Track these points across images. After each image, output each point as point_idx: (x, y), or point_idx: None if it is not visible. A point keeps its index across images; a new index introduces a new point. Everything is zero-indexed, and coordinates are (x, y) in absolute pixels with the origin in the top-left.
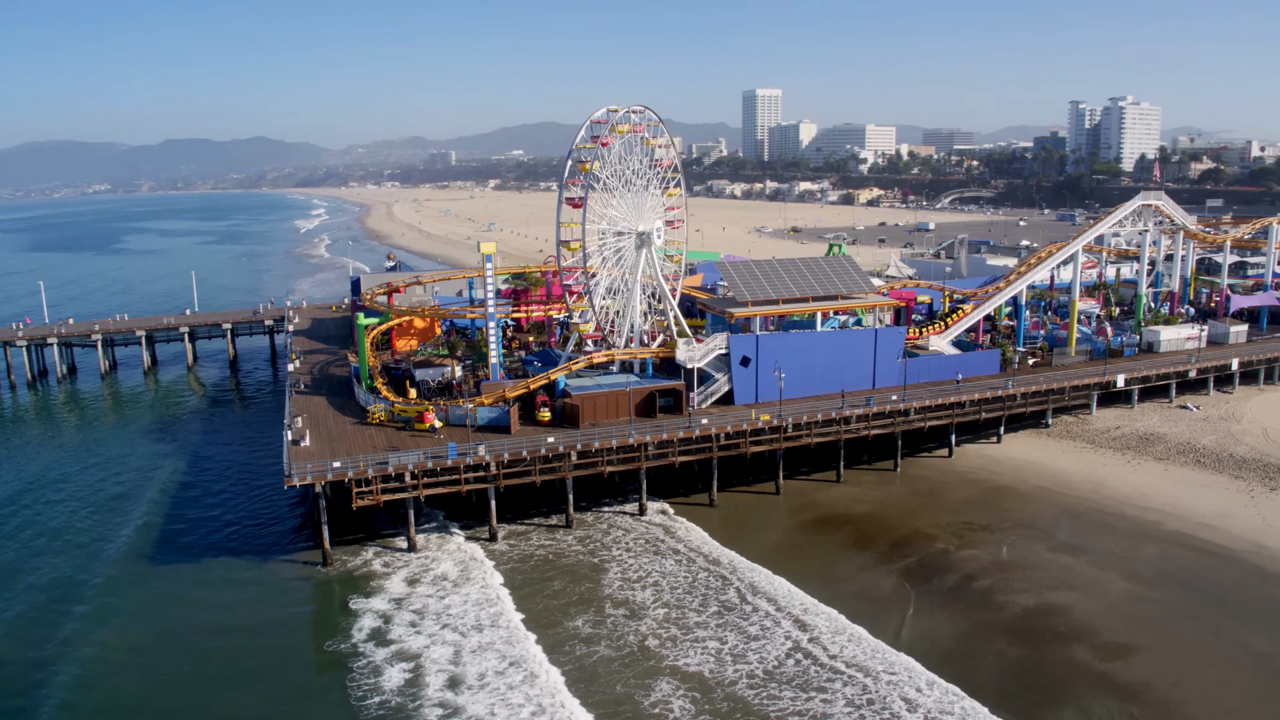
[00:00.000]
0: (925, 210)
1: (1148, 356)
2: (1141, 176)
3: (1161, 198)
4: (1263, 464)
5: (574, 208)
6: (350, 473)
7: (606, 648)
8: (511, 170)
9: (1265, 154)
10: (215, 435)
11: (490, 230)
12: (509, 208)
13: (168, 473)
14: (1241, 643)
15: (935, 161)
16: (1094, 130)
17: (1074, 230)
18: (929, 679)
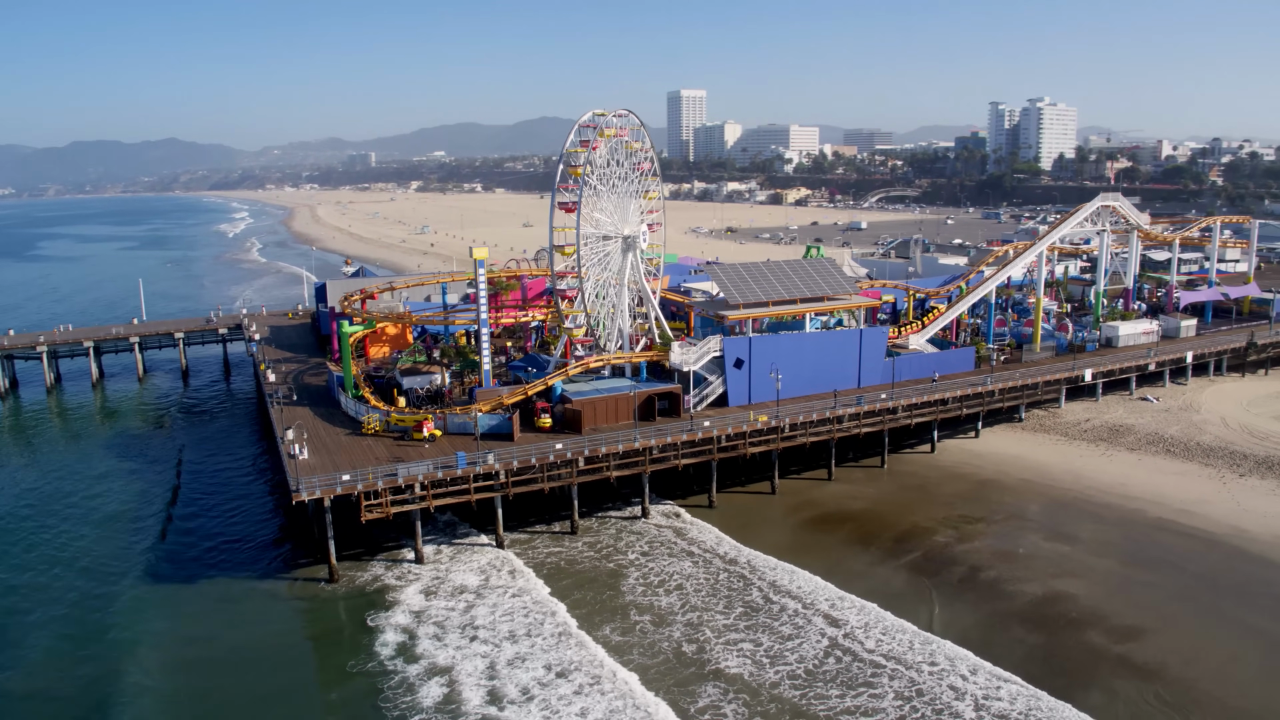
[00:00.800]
0: (853, 209)
1: (1109, 351)
2: (1060, 175)
3: (1118, 199)
4: (1228, 452)
5: (567, 212)
6: (360, 485)
7: (641, 655)
8: (434, 171)
9: (1177, 153)
10: (184, 450)
11: (424, 233)
12: (438, 210)
13: (140, 492)
14: (1239, 620)
15: (859, 161)
16: (1013, 130)
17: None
18: (971, 665)
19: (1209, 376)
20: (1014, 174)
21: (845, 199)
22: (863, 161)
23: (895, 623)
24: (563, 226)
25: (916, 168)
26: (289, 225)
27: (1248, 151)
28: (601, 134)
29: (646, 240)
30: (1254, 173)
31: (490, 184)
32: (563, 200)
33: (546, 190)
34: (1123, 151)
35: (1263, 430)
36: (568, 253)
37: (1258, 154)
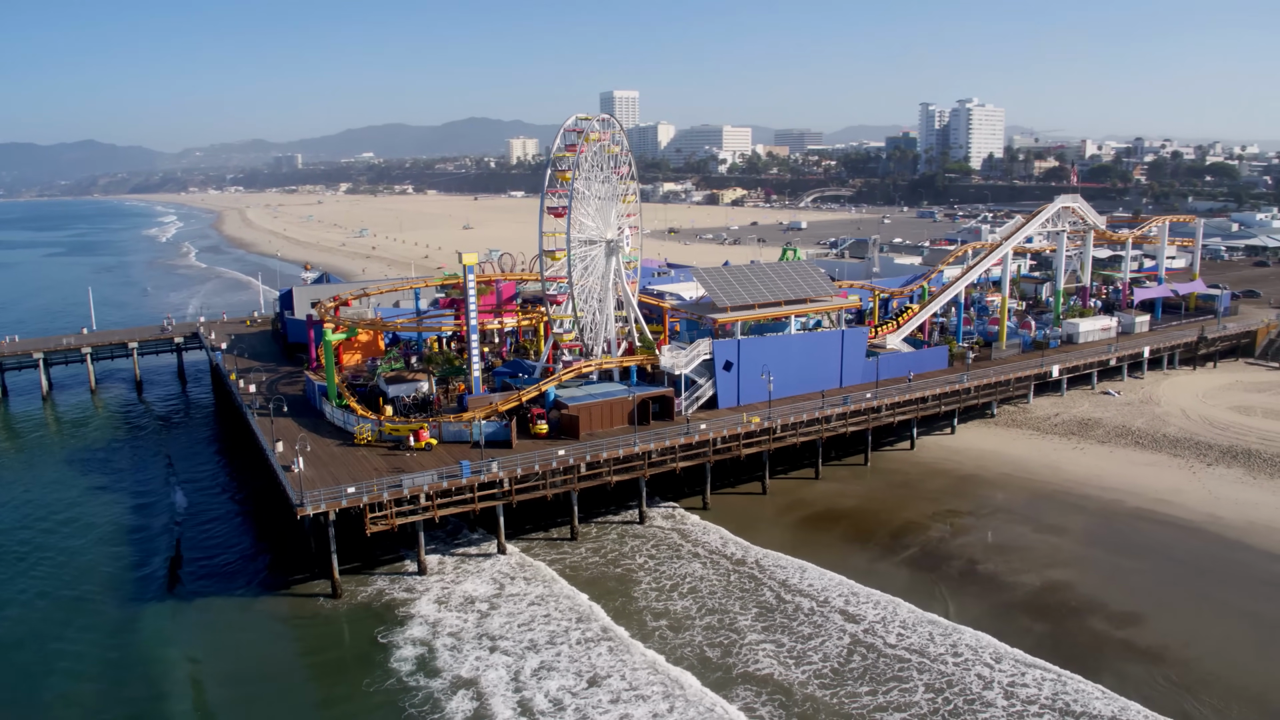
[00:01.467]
0: (789, 209)
1: (1072, 347)
2: (990, 175)
3: (1077, 200)
4: (1193, 442)
5: (556, 217)
6: (365, 498)
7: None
8: (363, 173)
9: (1102, 152)
10: (154, 464)
11: (363, 236)
12: (372, 212)
13: (111, 512)
14: (1227, 603)
15: (793, 162)
16: (943, 130)
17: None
18: (995, 653)
19: (1163, 370)
20: (945, 174)
21: (781, 199)
22: (796, 162)
23: (911, 616)
24: (552, 231)
25: (850, 168)
26: (220, 229)
27: (1169, 151)
28: (585, 138)
29: (629, 244)
30: (1176, 171)
31: (421, 185)
32: (552, 205)
33: (480, 191)
34: (1050, 151)
35: (1222, 421)
36: (558, 258)
37: (1179, 153)
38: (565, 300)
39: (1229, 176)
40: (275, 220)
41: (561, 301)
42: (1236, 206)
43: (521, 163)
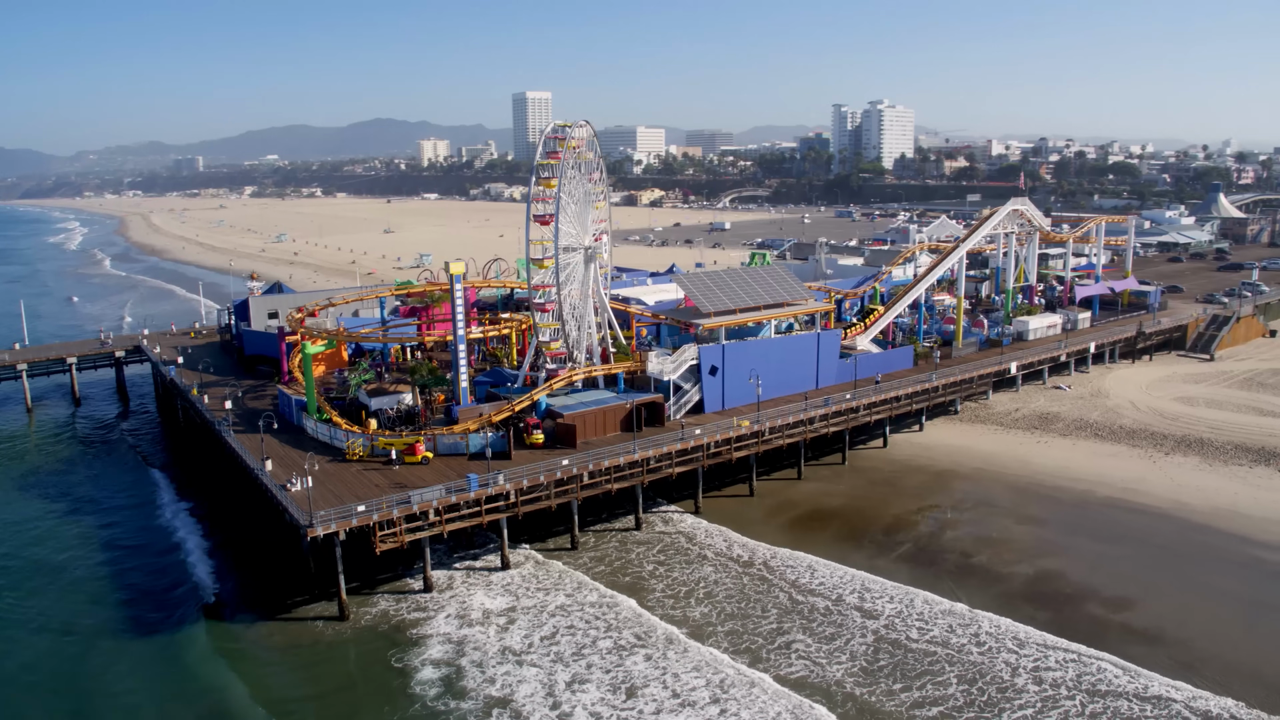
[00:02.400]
0: (708, 210)
1: (1024, 345)
2: (903, 174)
3: (1026, 203)
4: (1149, 433)
5: (543, 225)
6: (375, 516)
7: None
8: (268, 176)
9: (1009, 151)
10: (111, 487)
11: (281, 241)
12: (285, 216)
13: (79, 536)
14: (1208, 585)
15: (709, 163)
16: (856, 131)
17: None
18: (1016, 638)
19: (1105, 364)
20: (860, 174)
21: (699, 199)
22: (711, 163)
23: (926, 608)
24: (539, 240)
25: (765, 168)
26: (127, 235)
27: (1073, 151)
28: (564, 145)
29: (606, 250)
30: (1081, 170)
31: (330, 188)
32: (538, 213)
33: (391, 194)
34: (959, 151)
35: (1171, 412)
36: (545, 265)
37: (1083, 153)
38: (553, 308)
39: (1131, 175)
40: (184, 225)
41: (550, 309)
42: (1140, 204)
43: (433, 165)
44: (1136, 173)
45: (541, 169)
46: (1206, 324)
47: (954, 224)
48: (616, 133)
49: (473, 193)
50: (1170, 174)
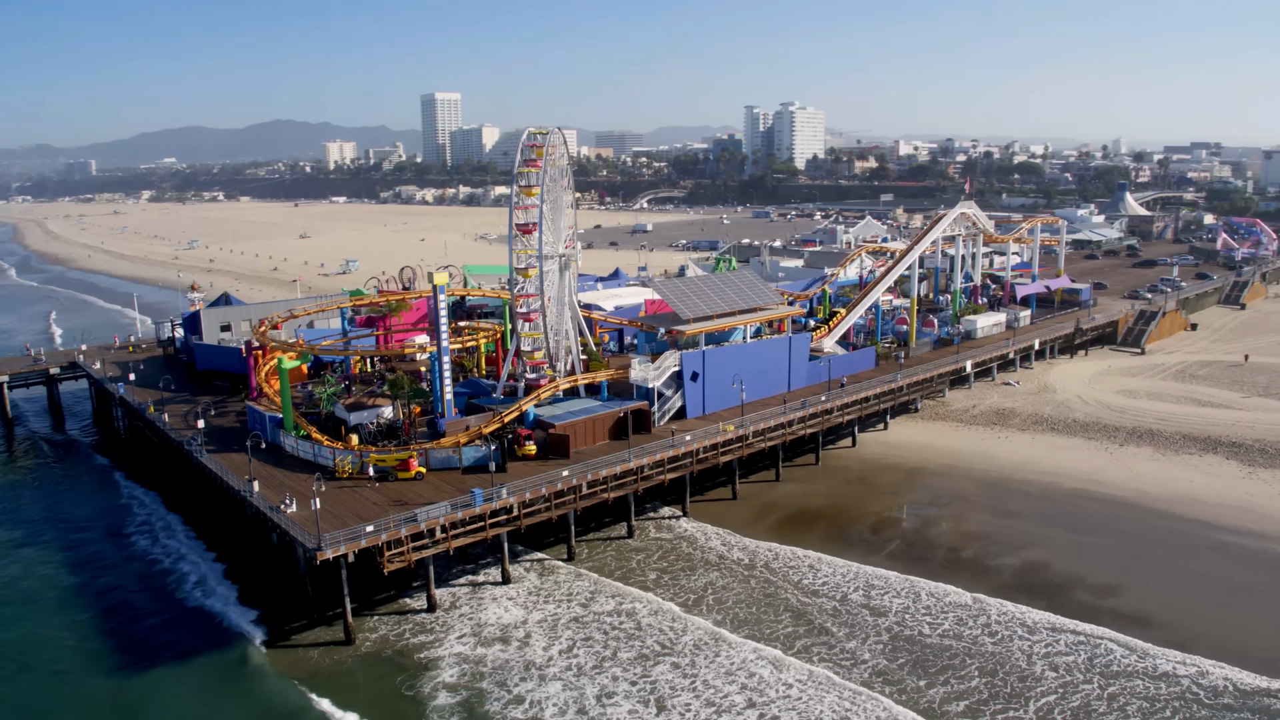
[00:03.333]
0: (624, 211)
1: (971, 343)
2: (815, 175)
3: (972, 207)
4: (1101, 425)
5: (525, 234)
6: (384, 535)
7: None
8: (166, 180)
9: (917, 152)
10: (71, 511)
11: (194, 248)
12: (190, 222)
13: (47, 566)
14: (1182, 569)
15: (622, 164)
16: (768, 133)
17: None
18: (1025, 624)
19: (1047, 360)
20: (774, 174)
21: (615, 201)
22: (625, 164)
23: (931, 601)
24: (522, 249)
25: (679, 169)
26: (23, 243)
27: (980, 151)
28: (539, 152)
29: (579, 258)
30: (989, 170)
31: (233, 192)
32: (520, 222)
33: (298, 197)
34: (869, 151)
35: (1118, 404)
36: (529, 274)
37: (990, 153)
38: (536, 318)
39: (1036, 174)
40: (84, 232)
41: (534, 319)
42: (1046, 202)
43: (340, 167)
44: (1041, 172)
45: (521, 177)
46: (1135, 319)
47: (879, 225)
48: None
49: (383, 195)
50: (1072, 173)
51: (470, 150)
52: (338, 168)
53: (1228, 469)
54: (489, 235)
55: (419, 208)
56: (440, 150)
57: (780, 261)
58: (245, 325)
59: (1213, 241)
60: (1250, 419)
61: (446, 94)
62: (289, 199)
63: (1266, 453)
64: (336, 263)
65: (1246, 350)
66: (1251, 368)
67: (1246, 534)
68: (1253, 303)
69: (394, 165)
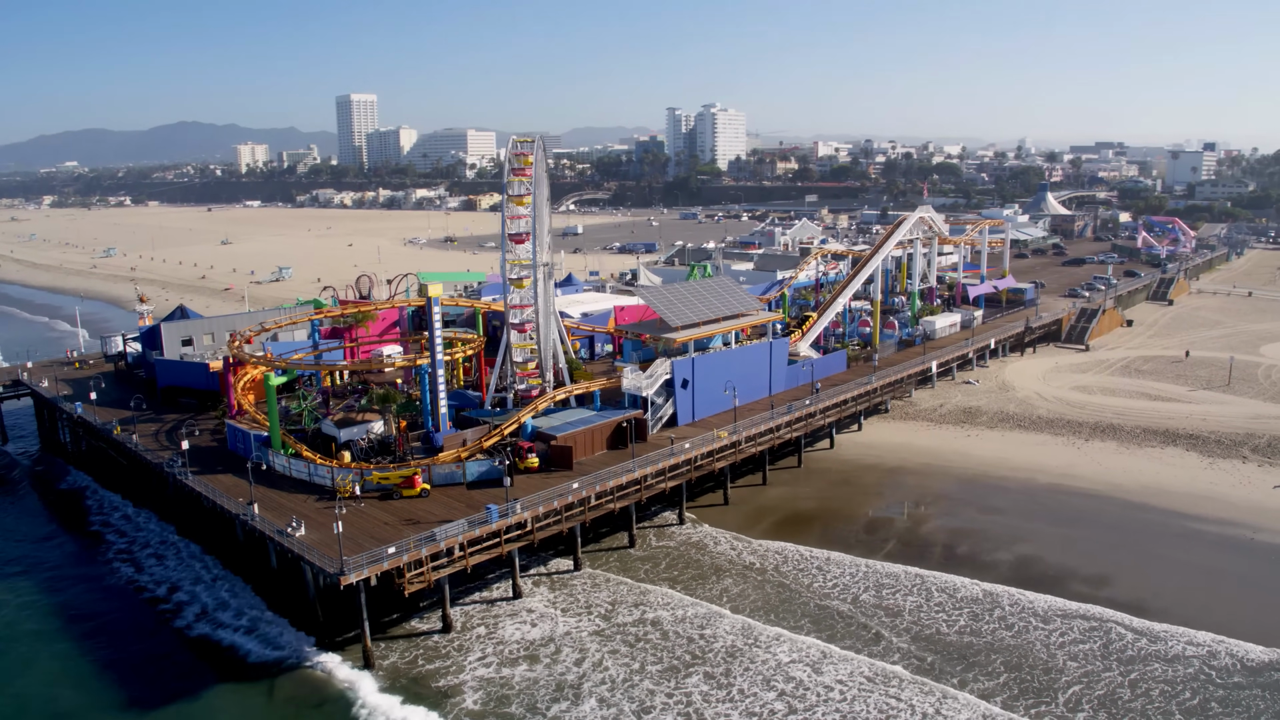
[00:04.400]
0: (552, 214)
1: (931, 344)
2: (739, 176)
3: (929, 211)
4: (1064, 421)
5: (518, 244)
6: (405, 557)
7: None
8: (69, 184)
9: (837, 153)
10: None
11: (111, 256)
12: (100, 228)
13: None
14: (1164, 557)
15: (548, 167)
16: (690, 134)
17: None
18: (1040, 612)
19: (1000, 359)
20: (698, 176)
21: None
22: (549, 166)
23: (943, 597)
24: (516, 259)
25: (602, 171)
26: None
27: (900, 152)
28: (525, 160)
29: (562, 266)
30: (908, 171)
31: (140, 196)
32: (513, 232)
33: (210, 201)
34: (791, 153)
35: (1076, 400)
36: (523, 285)
37: (910, 154)
38: (530, 328)
39: (954, 175)
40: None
41: (528, 329)
42: (966, 202)
43: (252, 170)
44: (959, 173)
45: (511, 186)
46: (1077, 317)
47: (814, 226)
48: (446, 136)
49: (299, 199)
50: (988, 173)
51: (388, 153)
52: (250, 171)
53: (1189, 460)
54: (418, 240)
55: (337, 211)
56: (356, 152)
57: (732, 265)
58: (207, 339)
59: (1133, 239)
60: (1201, 412)
61: (362, 95)
62: (200, 203)
63: (1222, 444)
64: (267, 270)
65: (1184, 345)
66: (1192, 362)
67: (1217, 522)
68: (1178, 298)
69: (309, 168)
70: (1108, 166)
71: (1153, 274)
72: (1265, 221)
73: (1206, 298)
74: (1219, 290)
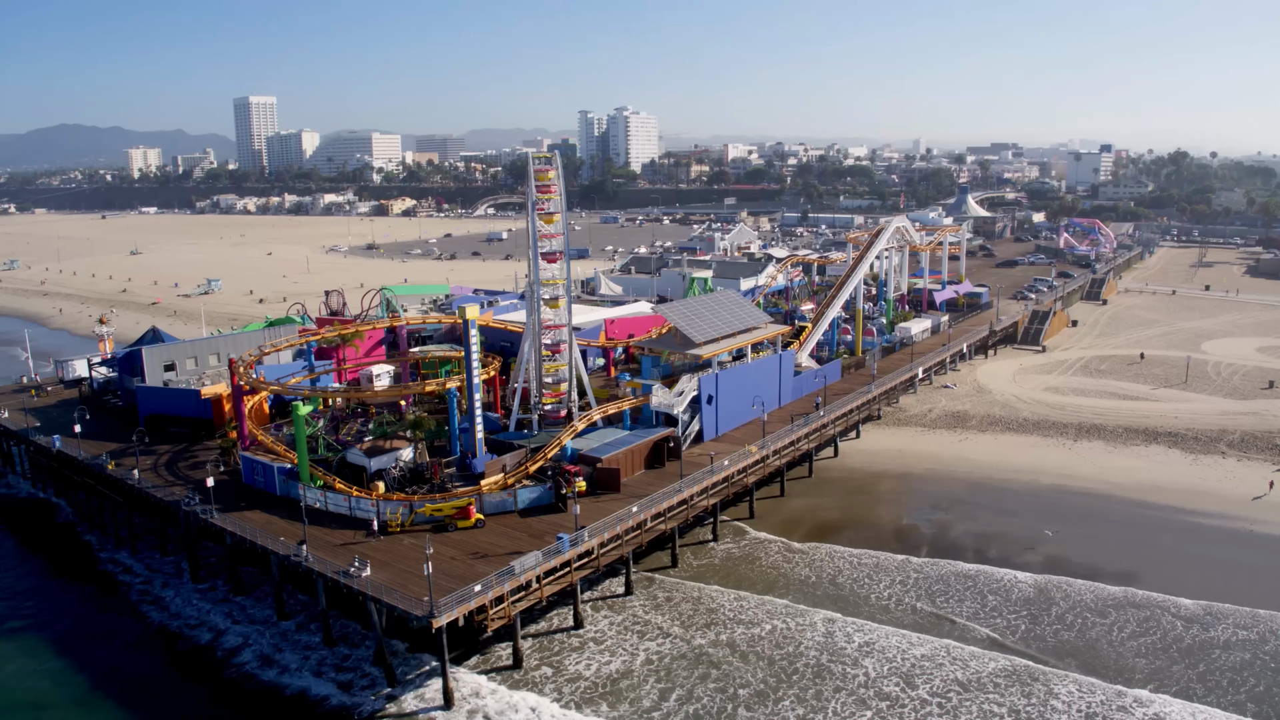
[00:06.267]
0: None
1: (909, 350)
2: (654, 179)
3: (904, 220)
4: (1050, 423)
5: (550, 262)
6: (490, 594)
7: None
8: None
9: (751, 156)
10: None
11: (14, 268)
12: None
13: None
14: (1177, 551)
15: (455, 170)
16: (603, 138)
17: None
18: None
19: (967, 361)
20: (613, 179)
21: (454, 208)
22: (458, 169)
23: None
24: (551, 279)
25: (514, 175)
26: None
27: (815, 155)
28: (544, 176)
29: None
30: (823, 174)
31: (25, 203)
32: (545, 250)
33: (102, 208)
34: (706, 156)
35: (1054, 402)
36: (557, 306)
37: (826, 157)
38: (564, 349)
39: (867, 177)
40: None
41: (561, 351)
42: (881, 204)
43: (146, 175)
44: (871, 175)
45: (541, 202)
46: (1030, 319)
47: (751, 231)
48: (350, 139)
49: (199, 205)
50: (898, 175)
51: (290, 156)
52: (143, 176)
53: (1174, 457)
54: (339, 248)
55: (242, 218)
56: (257, 156)
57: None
58: (190, 364)
59: (1051, 240)
60: (1172, 410)
61: (261, 97)
62: (91, 210)
63: (1200, 440)
64: (193, 282)
65: (1128, 344)
66: (1147, 361)
67: (1214, 515)
68: (1110, 297)
69: (205, 173)
70: (1011, 168)
71: (1084, 274)
72: (1167, 220)
73: (1134, 296)
74: (1144, 289)
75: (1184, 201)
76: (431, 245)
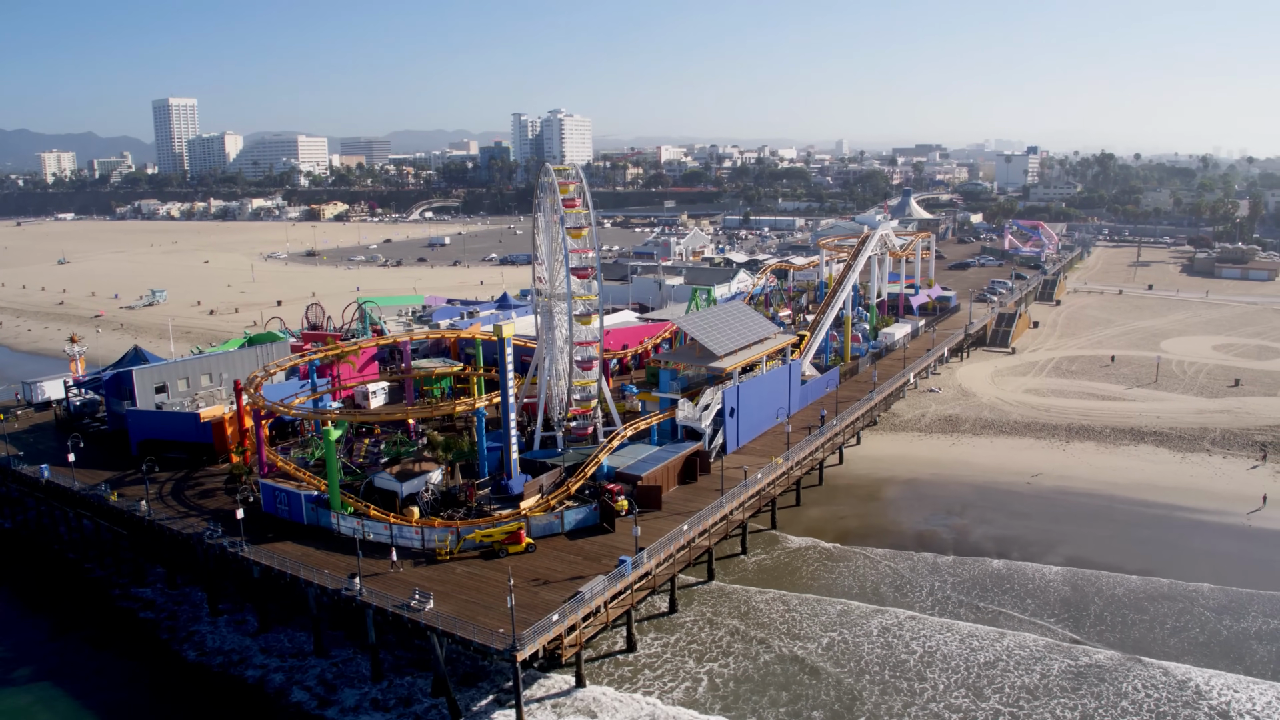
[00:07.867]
0: (400, 223)
1: (895, 354)
2: (591, 182)
3: (889, 228)
4: (1039, 425)
5: (580, 278)
6: (566, 622)
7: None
8: None
9: (688, 159)
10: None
11: None
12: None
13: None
14: (1185, 548)
15: (386, 173)
16: (537, 140)
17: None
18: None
19: (945, 364)
20: None
21: (387, 212)
22: (389, 173)
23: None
24: (583, 294)
25: (448, 178)
26: None
27: (750, 157)
28: (565, 189)
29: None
30: (760, 176)
31: None
32: (575, 267)
33: (15, 215)
34: (638, 157)
35: (1038, 404)
36: (588, 322)
37: (762, 159)
38: (596, 365)
39: (804, 179)
40: None
41: (593, 367)
42: (820, 206)
43: (61, 180)
44: (807, 177)
45: (568, 218)
46: (997, 322)
47: (704, 234)
48: (275, 142)
49: (120, 211)
50: (832, 177)
51: (212, 160)
52: (57, 180)
53: (1163, 456)
54: (278, 254)
55: (166, 224)
56: (178, 160)
57: (667, 280)
58: (182, 385)
59: (992, 240)
60: (1151, 409)
61: (182, 99)
62: (6, 217)
63: (1184, 439)
64: (134, 293)
65: (1093, 342)
66: (1119, 361)
67: (1211, 511)
68: (1061, 298)
69: (124, 177)
70: (941, 169)
71: (1037, 276)
72: (1098, 220)
73: (1083, 296)
74: (1089, 289)
75: (1113, 202)
76: (374, 251)
